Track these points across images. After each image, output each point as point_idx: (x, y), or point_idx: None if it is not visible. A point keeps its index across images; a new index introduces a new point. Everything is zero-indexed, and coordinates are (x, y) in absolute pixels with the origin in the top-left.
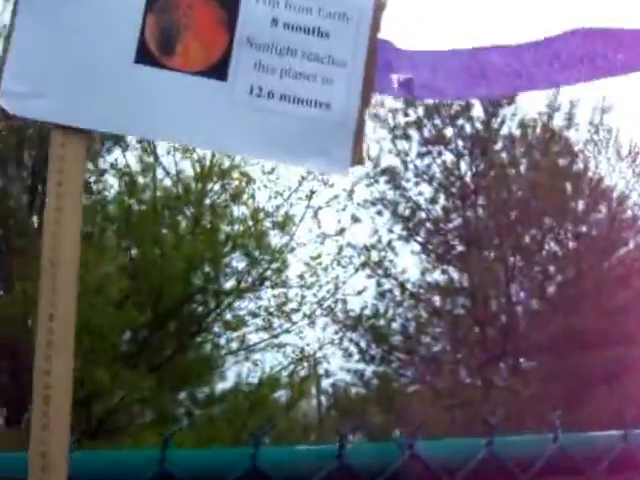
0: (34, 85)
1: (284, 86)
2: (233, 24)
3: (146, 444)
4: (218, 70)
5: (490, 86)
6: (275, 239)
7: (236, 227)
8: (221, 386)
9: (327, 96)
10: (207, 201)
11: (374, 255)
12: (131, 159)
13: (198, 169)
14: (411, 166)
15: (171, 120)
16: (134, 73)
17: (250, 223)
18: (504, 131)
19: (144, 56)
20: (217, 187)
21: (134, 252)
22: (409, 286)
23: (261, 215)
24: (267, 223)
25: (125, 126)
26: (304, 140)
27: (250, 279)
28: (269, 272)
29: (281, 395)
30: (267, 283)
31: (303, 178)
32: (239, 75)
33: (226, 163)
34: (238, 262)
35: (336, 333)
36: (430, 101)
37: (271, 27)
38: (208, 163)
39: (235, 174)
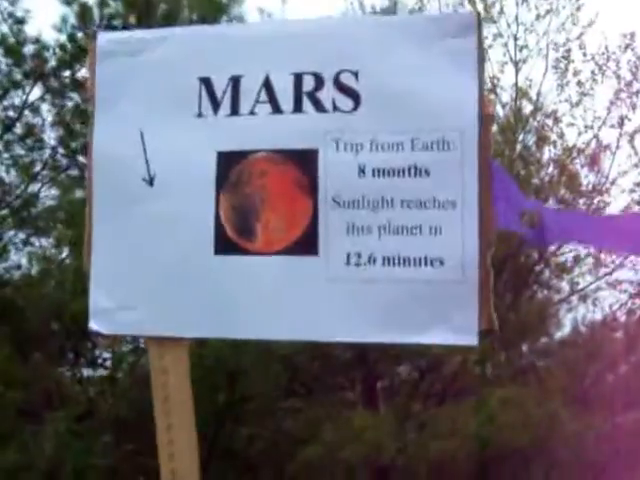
0: (121, 298)
1: (385, 246)
2: (314, 184)
3: (492, 401)
4: (306, 244)
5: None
6: (590, 177)
7: (549, 171)
8: (560, 334)
9: (438, 249)
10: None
11: None
12: None
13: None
14: None
15: (265, 314)
16: (216, 267)
17: (560, 166)
18: None
19: (223, 245)
20: (521, 136)
21: None
22: None
23: (572, 154)
24: (580, 161)
25: (219, 329)
26: (418, 309)
27: None
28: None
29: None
30: None
31: (612, 103)
32: (331, 244)
33: (528, 107)
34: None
35: None
36: None
37: (359, 177)
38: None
39: (538, 116)
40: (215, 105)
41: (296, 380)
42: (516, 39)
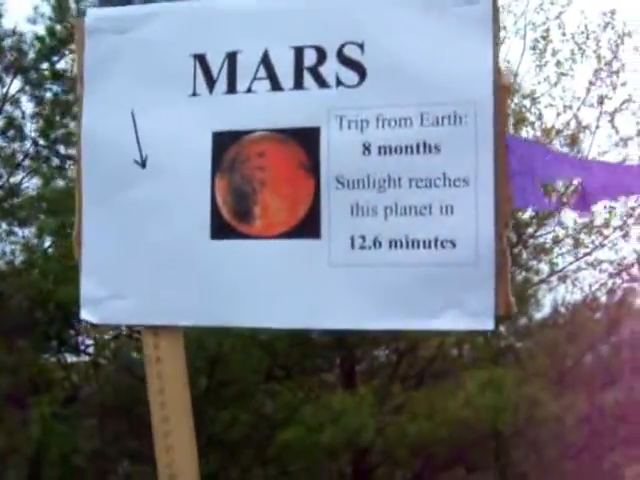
0: (113, 286)
1: (392, 228)
2: (316, 164)
3: (471, 383)
4: (308, 226)
5: None
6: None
7: None
8: (540, 315)
9: (449, 230)
10: None
11: None
12: None
13: None
14: None
15: (265, 301)
16: (213, 252)
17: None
18: None
19: (220, 229)
20: None
21: None
22: None
23: (552, 134)
24: (559, 141)
25: (216, 317)
26: (428, 293)
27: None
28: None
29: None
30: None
31: (591, 84)
32: (334, 227)
33: None
34: None
35: None
36: None
37: (364, 156)
38: None
39: (516, 98)
40: (210, 83)
41: (276, 363)
42: None
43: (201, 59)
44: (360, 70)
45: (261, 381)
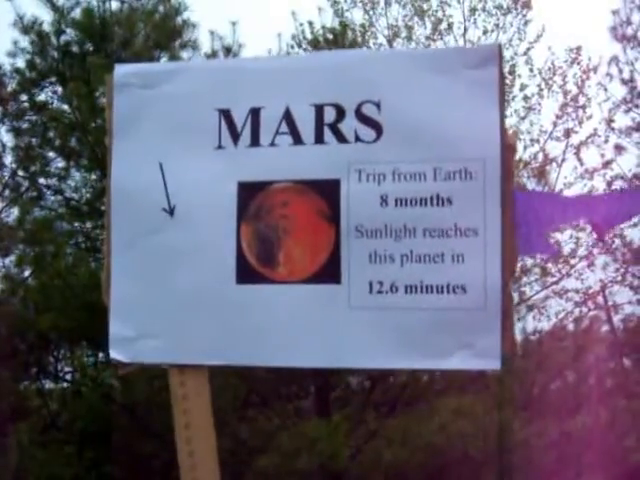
0: (141, 326)
1: (407, 275)
2: (337, 214)
3: (444, 410)
4: (329, 272)
5: None
6: (537, 190)
7: None
8: None
9: (460, 277)
10: None
11: None
12: None
13: None
14: None
15: (287, 341)
16: (238, 295)
17: None
18: None
19: (246, 274)
20: None
21: None
22: None
23: (520, 166)
24: (527, 173)
25: (241, 356)
26: (441, 335)
27: None
28: None
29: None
30: None
31: (558, 117)
32: (354, 273)
33: None
34: None
35: (617, 270)
36: None
37: (381, 207)
38: None
39: None
40: (235, 136)
41: (252, 391)
42: None
43: (226, 114)
44: (377, 127)
45: (238, 408)
